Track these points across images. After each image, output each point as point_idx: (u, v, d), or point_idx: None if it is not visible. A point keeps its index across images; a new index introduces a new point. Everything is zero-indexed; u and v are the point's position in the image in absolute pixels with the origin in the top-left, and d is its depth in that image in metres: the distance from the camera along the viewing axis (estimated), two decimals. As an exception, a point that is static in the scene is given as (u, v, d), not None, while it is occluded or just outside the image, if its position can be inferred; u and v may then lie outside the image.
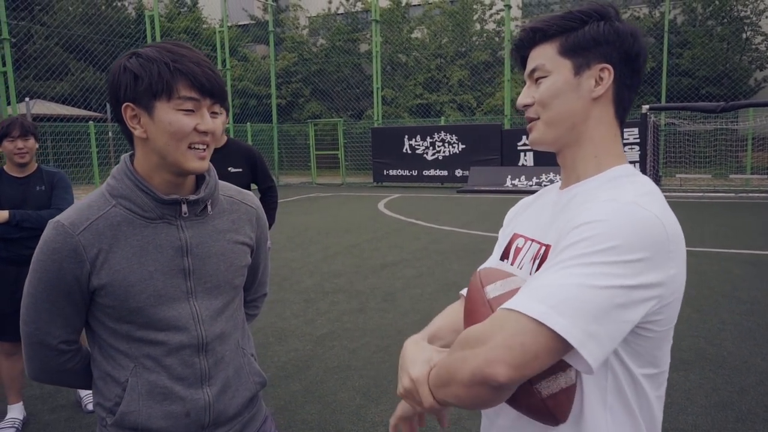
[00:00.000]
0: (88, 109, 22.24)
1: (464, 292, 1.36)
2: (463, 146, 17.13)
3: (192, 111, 1.23)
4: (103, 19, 21.95)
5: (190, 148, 1.25)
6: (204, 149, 1.27)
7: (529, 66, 1.15)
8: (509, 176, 15.79)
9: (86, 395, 3.68)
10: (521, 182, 15.52)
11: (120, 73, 1.24)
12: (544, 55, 1.13)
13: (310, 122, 20.79)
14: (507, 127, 17.73)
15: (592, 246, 0.93)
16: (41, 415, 3.63)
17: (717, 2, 19.97)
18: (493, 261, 1.33)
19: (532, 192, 1.40)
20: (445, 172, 17.49)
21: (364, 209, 12.96)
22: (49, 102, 20.76)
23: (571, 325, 0.89)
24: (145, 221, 1.29)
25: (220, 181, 1.44)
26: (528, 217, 1.27)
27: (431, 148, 17.60)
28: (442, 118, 20.16)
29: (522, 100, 1.17)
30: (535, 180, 15.34)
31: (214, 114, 1.28)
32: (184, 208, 1.31)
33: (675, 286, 0.99)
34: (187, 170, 1.27)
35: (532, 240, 1.18)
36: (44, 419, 3.58)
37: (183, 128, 1.22)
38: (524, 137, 16.08)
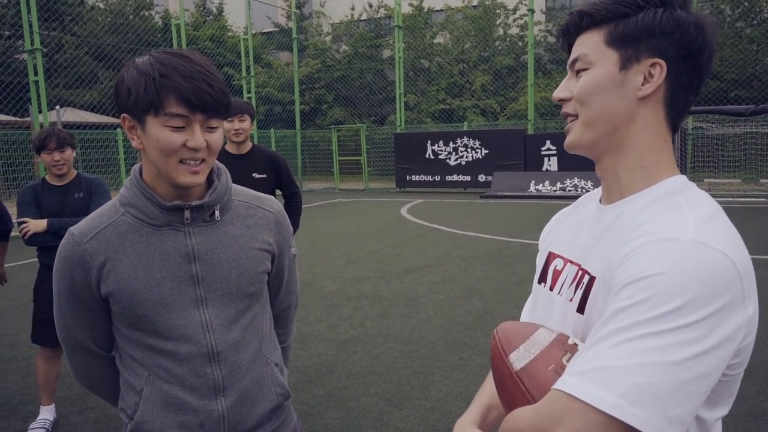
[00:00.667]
0: (116, 117, 22.66)
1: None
2: (486, 151, 17.05)
3: (182, 127, 1.19)
4: (131, 28, 22.39)
5: (181, 162, 1.22)
6: (197, 163, 1.23)
7: (572, 55, 1.02)
8: (533, 181, 15.66)
9: None
10: (545, 187, 15.38)
11: (119, 83, 1.23)
12: (588, 44, 0.99)
13: (333, 128, 20.90)
14: (530, 131, 17.60)
15: (655, 309, 0.79)
16: (70, 416, 3.70)
17: (746, 3, 19.62)
18: (534, 285, 1.22)
19: (556, 197, 1.32)
20: (468, 178, 17.42)
21: (387, 215, 12.97)
22: (78, 110, 21.22)
23: (648, 414, 0.77)
24: (151, 228, 1.28)
25: (237, 186, 1.42)
26: (564, 233, 1.15)
27: (454, 153, 17.55)
28: (465, 123, 20.10)
29: (558, 93, 1.03)
30: (559, 185, 15.18)
31: (210, 129, 1.23)
32: (187, 213, 1.29)
33: (753, 324, 0.86)
34: (178, 184, 1.24)
35: (571, 262, 1.06)
36: (73, 421, 3.65)
37: (170, 145, 1.19)
38: (548, 142, 15.95)
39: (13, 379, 4.34)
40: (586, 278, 0.98)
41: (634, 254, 0.86)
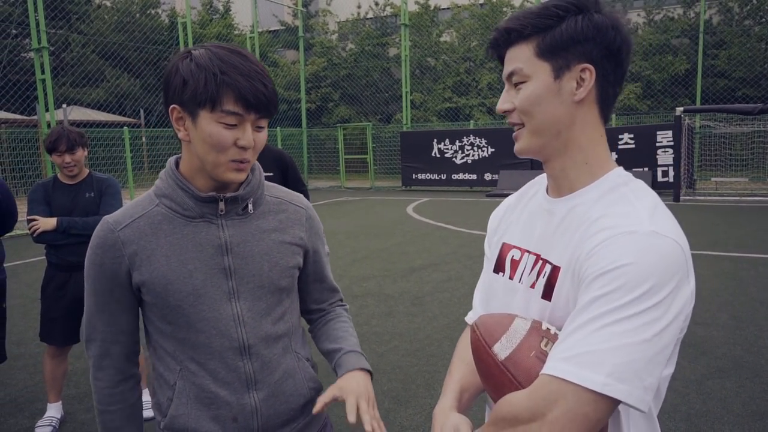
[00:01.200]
0: (123, 115, 22.76)
1: (469, 319, 1.34)
2: (493, 150, 17.02)
3: (234, 125, 1.20)
4: (137, 27, 22.46)
5: (230, 161, 1.23)
6: (244, 162, 1.24)
7: (506, 69, 1.09)
8: (539, 180, 15.62)
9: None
10: (551, 186, 15.34)
11: (172, 74, 1.22)
12: (520, 58, 1.06)
13: (339, 126, 20.91)
14: (537, 130, 17.54)
15: (626, 295, 0.91)
16: (77, 414, 3.72)
17: (755, 1, 19.50)
18: (487, 273, 1.28)
19: None
20: (474, 176, 17.40)
21: (393, 213, 12.97)
22: (85, 108, 21.32)
23: (631, 388, 0.89)
24: (185, 220, 1.29)
25: (268, 183, 1.43)
26: (516, 224, 1.22)
27: (460, 151, 17.53)
28: (471, 121, 20.07)
29: (501, 105, 1.10)
30: (565, 184, 15.14)
31: (259, 128, 1.24)
32: (221, 205, 1.29)
33: (694, 294, 0.99)
34: (222, 180, 1.26)
35: (528, 252, 1.15)
36: (80, 418, 3.67)
37: (222, 142, 1.20)
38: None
39: (20, 377, 4.36)
40: (548, 267, 1.08)
41: (602, 247, 0.96)
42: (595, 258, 0.96)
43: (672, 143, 13.94)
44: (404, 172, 18.48)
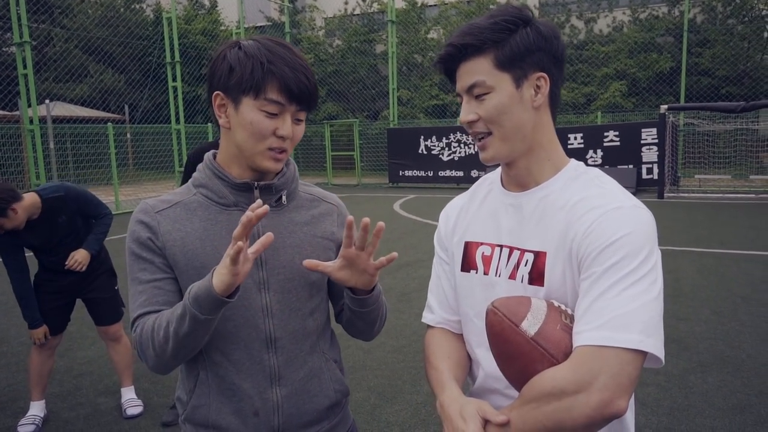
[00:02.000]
0: (107, 111, 22.53)
1: (429, 320, 1.36)
2: (479, 147, 17.05)
3: (275, 114, 1.22)
4: (121, 22, 22.23)
5: (269, 149, 1.25)
6: (281, 152, 1.27)
7: (465, 81, 1.14)
8: (525, 177, 15.69)
9: (127, 400, 3.71)
10: (537, 183, 15.42)
11: (219, 61, 1.25)
12: (480, 71, 1.12)
13: (326, 123, 20.85)
14: (523, 127, 17.61)
15: (633, 260, 1.02)
16: (61, 412, 3.69)
17: (738, 0, 19.69)
18: (450, 273, 1.31)
19: None
20: (461, 173, 17.43)
21: (380, 210, 12.98)
22: (68, 104, 21.07)
23: (656, 341, 1.00)
24: (220, 207, 1.31)
25: (302, 181, 1.44)
26: (476, 223, 1.27)
27: (447, 148, 17.56)
28: (458, 118, 20.06)
29: (466, 117, 1.16)
30: (551, 181, 15.23)
31: (297, 121, 1.27)
32: (256, 193, 1.31)
33: None
34: (260, 168, 1.28)
35: (501, 246, 1.20)
36: (63, 416, 3.63)
37: (263, 130, 1.22)
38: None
39: (2, 375, 4.31)
40: (529, 255, 1.14)
41: (598, 224, 1.06)
42: (594, 234, 1.06)
43: (657, 141, 14.06)
44: (391, 169, 18.48)
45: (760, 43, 19.73)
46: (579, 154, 14.56)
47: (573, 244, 1.08)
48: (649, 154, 14.36)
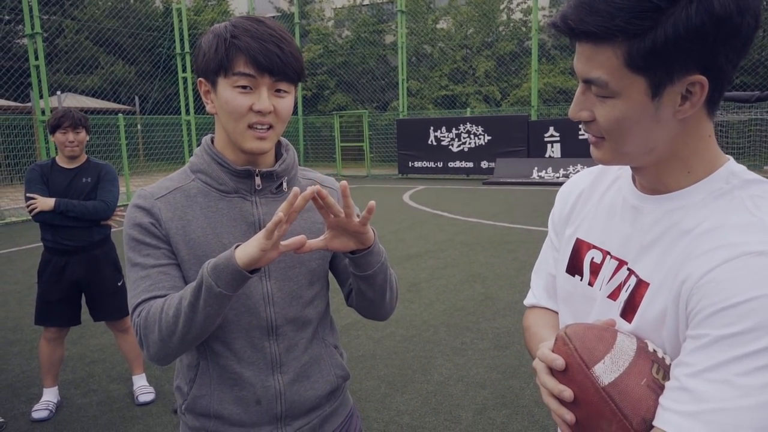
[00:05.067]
0: (118, 102, 22.64)
1: (528, 302, 1.21)
2: (489, 138, 16.98)
3: (249, 88, 1.19)
4: (131, 13, 22.27)
5: (249, 127, 1.21)
6: (264, 129, 1.22)
7: (582, 69, 0.84)
8: (536, 168, 15.62)
9: (139, 387, 3.74)
10: (548, 174, 15.35)
11: (198, 48, 1.25)
12: (604, 65, 0.80)
13: (336, 114, 20.83)
14: (534, 118, 17.52)
15: (760, 339, 0.71)
16: (74, 399, 3.73)
17: (752, -11, 19.41)
18: (556, 267, 1.11)
19: (559, 184, 1.19)
20: (470, 164, 17.37)
21: (389, 201, 12.97)
22: (79, 95, 21.19)
23: None
24: (220, 194, 1.29)
25: (302, 167, 1.43)
26: (593, 218, 1.03)
27: (457, 139, 17.49)
28: (468, 109, 20.01)
29: (577, 113, 0.88)
30: (562, 172, 15.15)
31: (279, 93, 1.22)
32: (258, 180, 1.29)
33: None
34: (245, 150, 1.24)
35: (610, 255, 0.97)
36: (77, 403, 3.67)
37: (238, 107, 1.19)
38: (551, 128, 15.89)
39: (16, 362, 4.36)
40: (633, 280, 0.90)
41: (721, 272, 0.77)
42: (712, 286, 0.76)
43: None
44: (401, 160, 18.44)
45: (775, 32, 19.47)
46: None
47: (684, 287, 0.80)
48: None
